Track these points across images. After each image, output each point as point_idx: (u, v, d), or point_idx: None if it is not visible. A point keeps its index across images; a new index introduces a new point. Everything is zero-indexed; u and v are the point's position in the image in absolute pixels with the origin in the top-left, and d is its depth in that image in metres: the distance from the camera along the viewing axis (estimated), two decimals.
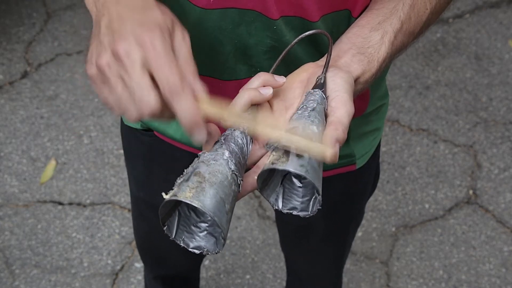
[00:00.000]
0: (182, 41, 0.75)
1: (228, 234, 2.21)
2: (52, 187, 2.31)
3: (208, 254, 0.80)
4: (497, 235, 2.24)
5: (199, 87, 0.73)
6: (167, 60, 0.71)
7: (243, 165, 0.81)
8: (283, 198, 0.84)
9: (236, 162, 0.79)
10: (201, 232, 0.81)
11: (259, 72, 0.87)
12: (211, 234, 0.81)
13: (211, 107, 0.74)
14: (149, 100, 0.70)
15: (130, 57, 0.70)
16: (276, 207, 0.84)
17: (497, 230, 2.25)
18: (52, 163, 2.36)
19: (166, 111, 0.72)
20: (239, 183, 0.79)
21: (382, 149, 2.41)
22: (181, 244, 0.80)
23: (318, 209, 0.81)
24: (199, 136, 0.73)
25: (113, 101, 0.72)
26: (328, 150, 0.74)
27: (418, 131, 2.47)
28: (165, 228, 0.79)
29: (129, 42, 0.71)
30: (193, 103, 0.71)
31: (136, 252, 2.18)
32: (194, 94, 0.73)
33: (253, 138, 0.83)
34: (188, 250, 0.81)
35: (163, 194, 0.75)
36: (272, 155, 0.79)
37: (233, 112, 0.75)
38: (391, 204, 2.30)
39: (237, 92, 0.85)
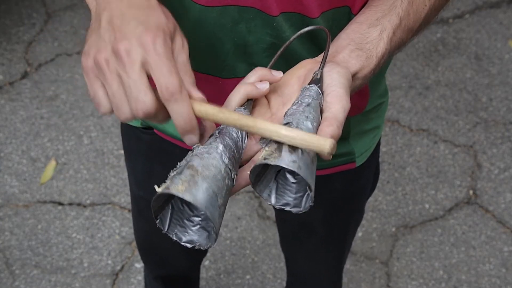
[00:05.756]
0: (182, 48, 0.75)
1: (228, 234, 2.21)
2: (52, 187, 2.31)
3: (200, 248, 0.79)
4: (497, 235, 2.24)
5: (197, 94, 0.74)
6: (168, 63, 0.71)
7: (238, 160, 0.80)
8: (276, 193, 0.83)
9: (230, 156, 0.78)
10: (194, 226, 0.80)
11: None
12: (204, 228, 0.80)
13: (207, 108, 0.74)
14: (146, 100, 0.70)
15: (131, 56, 0.71)
16: (269, 203, 0.83)
17: (497, 230, 2.25)
18: (52, 163, 2.36)
19: (160, 112, 0.73)
20: (233, 177, 0.78)
21: (382, 149, 2.40)
22: (174, 238, 0.79)
23: (310, 205, 0.80)
24: (192, 140, 0.74)
25: (104, 97, 0.72)
26: (327, 144, 0.73)
27: (418, 131, 2.46)
28: (157, 222, 0.78)
29: (131, 42, 0.71)
30: (189, 108, 0.72)
31: (136, 252, 2.17)
32: (191, 96, 0.73)
33: (248, 133, 0.83)
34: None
35: (156, 186, 0.75)
36: (264, 150, 0.78)
37: (230, 112, 0.74)
38: (391, 204, 2.30)
39: None
